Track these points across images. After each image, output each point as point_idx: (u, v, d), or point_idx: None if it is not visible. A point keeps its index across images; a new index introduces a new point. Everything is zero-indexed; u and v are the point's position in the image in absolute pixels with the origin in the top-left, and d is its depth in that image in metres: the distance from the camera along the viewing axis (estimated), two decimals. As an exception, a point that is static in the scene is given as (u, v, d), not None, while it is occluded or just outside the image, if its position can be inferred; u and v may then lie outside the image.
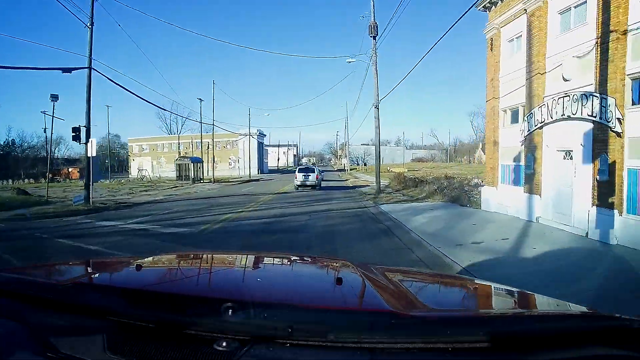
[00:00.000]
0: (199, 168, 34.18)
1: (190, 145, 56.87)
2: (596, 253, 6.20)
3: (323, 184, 22.94)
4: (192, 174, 32.21)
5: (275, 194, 19.38)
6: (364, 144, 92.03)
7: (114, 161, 60.52)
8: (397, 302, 1.14)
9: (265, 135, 59.00)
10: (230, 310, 0.88)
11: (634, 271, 5.05)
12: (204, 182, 30.85)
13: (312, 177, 21.12)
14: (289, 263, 1.87)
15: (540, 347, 0.90)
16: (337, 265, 1.77)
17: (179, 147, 54.68)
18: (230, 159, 55.65)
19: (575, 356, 0.91)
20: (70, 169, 48.72)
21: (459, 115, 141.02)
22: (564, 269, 5.26)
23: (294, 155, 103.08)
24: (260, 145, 58.94)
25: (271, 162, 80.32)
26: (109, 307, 1.01)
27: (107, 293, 1.12)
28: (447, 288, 1.66)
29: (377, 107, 17.16)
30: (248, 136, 45.03)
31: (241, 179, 36.30)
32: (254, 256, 2.02)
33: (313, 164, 54.73)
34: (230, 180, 34.46)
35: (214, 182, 31.16)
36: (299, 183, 20.80)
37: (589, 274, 4.96)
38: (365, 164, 54.22)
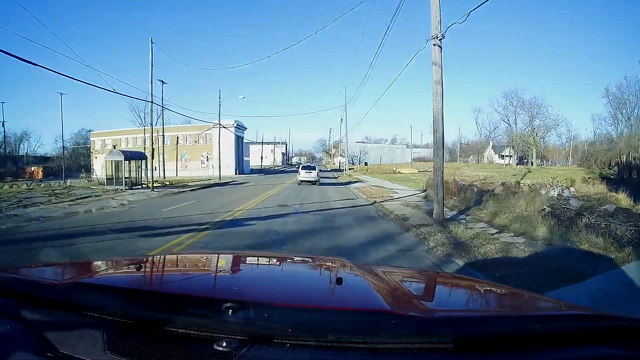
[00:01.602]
0: (141, 167, 22.76)
1: (158, 139, 45.82)
2: None
3: (322, 199, 16.35)
4: (133, 175, 23.88)
5: (221, 223, 9.51)
6: (359, 142, 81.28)
7: (81, 160, 56.22)
8: (397, 302, 1.17)
9: (245, 129, 47.90)
10: (230, 310, 0.91)
11: None
12: (145, 186, 23.13)
13: (314, 174, 25.70)
14: (289, 263, 1.89)
15: (541, 347, 0.93)
16: (336, 265, 1.78)
17: (144, 141, 43.60)
18: (202, 156, 44.15)
19: (576, 356, 0.93)
20: (33, 168, 46.99)
21: (462, 112, 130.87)
22: None
23: (282, 153, 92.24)
24: (240, 140, 48.23)
25: (256, 161, 74.70)
26: (109, 307, 1.03)
27: (107, 293, 1.15)
28: (447, 288, 1.67)
29: (439, 44, 9.14)
30: (218, 126, 34.27)
31: (205, 181, 29.19)
32: (254, 256, 2.05)
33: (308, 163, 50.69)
34: (187, 183, 27.00)
35: (161, 185, 24.83)
36: (302, 179, 25.42)
37: None
38: (366, 164, 43.35)
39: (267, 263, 1.91)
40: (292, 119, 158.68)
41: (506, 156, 72.53)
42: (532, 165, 53.29)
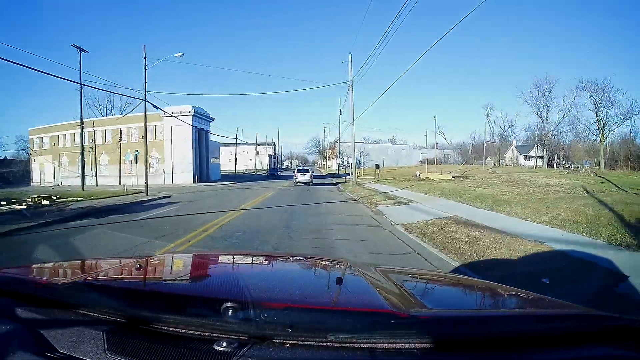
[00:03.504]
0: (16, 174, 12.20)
1: (104, 135, 40.10)
2: None
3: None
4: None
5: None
6: (357, 142, 67.55)
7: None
8: (396, 302, 1.21)
9: (211, 120, 34.49)
10: (230, 310, 0.94)
11: None
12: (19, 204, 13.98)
13: (307, 176, 29.46)
14: (289, 263, 1.94)
15: (541, 347, 0.97)
16: (336, 265, 1.85)
17: (82, 138, 30.03)
18: (151, 156, 30.70)
19: (576, 356, 0.96)
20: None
21: (471, 109, 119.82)
22: None
23: (270, 155, 79.03)
24: (204, 136, 34.31)
25: (238, 164, 62.90)
26: (108, 307, 1.07)
27: (107, 293, 1.17)
28: (447, 288, 1.71)
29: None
30: (144, 112, 22.54)
31: (117, 197, 19.18)
32: (254, 256, 2.12)
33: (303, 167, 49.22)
34: (67, 201, 16.36)
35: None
36: (297, 180, 29.33)
37: None
38: (377, 167, 30.25)
39: (267, 263, 1.90)
40: (282, 117, 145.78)
41: (532, 157, 65.75)
42: (597, 168, 40.40)
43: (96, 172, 38.11)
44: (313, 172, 34.95)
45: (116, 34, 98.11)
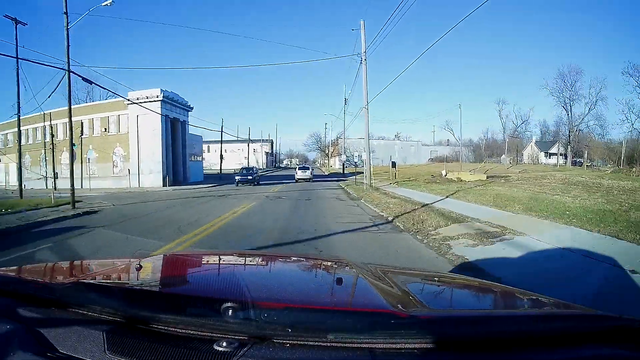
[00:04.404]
0: None
1: (66, 129, 29.96)
2: None
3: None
4: None
5: None
6: (360, 138, 61.58)
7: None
8: (397, 302, 1.20)
9: (189, 109, 27.59)
10: (230, 310, 0.95)
11: None
12: None
13: (308, 173, 31.31)
14: (289, 263, 1.92)
15: (541, 347, 0.97)
16: (337, 265, 1.84)
17: (44, 133, 29.64)
18: (115, 153, 23.67)
19: (576, 356, 0.97)
20: None
21: (482, 104, 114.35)
22: None
23: (267, 153, 72.98)
24: (179, 128, 27.25)
25: (229, 163, 58.41)
26: (108, 306, 1.08)
27: (107, 293, 1.18)
28: (447, 288, 1.69)
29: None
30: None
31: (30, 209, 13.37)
32: (254, 256, 2.14)
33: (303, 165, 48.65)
34: None
35: None
36: (298, 177, 31.26)
37: None
38: (394, 164, 22.88)
39: (267, 263, 1.90)
40: (280, 113, 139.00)
41: (554, 154, 60.15)
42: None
43: (54, 173, 31.45)
44: (313, 170, 37.71)
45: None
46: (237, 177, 28.63)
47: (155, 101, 27.58)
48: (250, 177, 29.17)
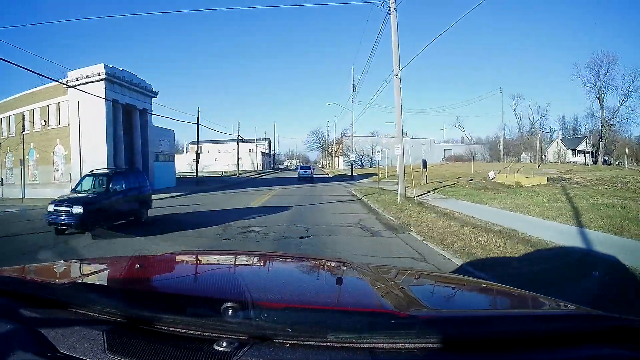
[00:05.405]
0: None
1: (10, 125, 25.43)
2: None
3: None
4: None
5: None
6: (364, 136, 64.77)
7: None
8: (396, 302, 1.22)
9: (153, 94, 20.55)
10: (230, 310, 0.97)
11: None
12: None
13: (309, 172, 33.80)
14: (289, 263, 1.92)
15: (541, 347, 0.99)
16: (337, 265, 1.84)
17: None
18: (55, 153, 16.32)
19: (576, 356, 0.98)
20: None
21: (494, 101, 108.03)
22: None
23: (264, 153, 66.63)
24: (136, 118, 20.66)
25: (220, 164, 57.58)
26: (108, 306, 1.09)
27: (107, 293, 1.19)
28: (447, 288, 1.68)
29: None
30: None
31: None
32: (254, 256, 2.11)
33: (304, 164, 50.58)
34: None
35: None
36: (300, 176, 33.87)
37: None
38: (425, 164, 14.84)
39: (267, 263, 1.89)
40: (278, 111, 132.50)
41: (582, 152, 54.96)
42: None
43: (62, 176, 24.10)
44: (314, 170, 40.21)
45: None
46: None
47: (97, 81, 20.26)
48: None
